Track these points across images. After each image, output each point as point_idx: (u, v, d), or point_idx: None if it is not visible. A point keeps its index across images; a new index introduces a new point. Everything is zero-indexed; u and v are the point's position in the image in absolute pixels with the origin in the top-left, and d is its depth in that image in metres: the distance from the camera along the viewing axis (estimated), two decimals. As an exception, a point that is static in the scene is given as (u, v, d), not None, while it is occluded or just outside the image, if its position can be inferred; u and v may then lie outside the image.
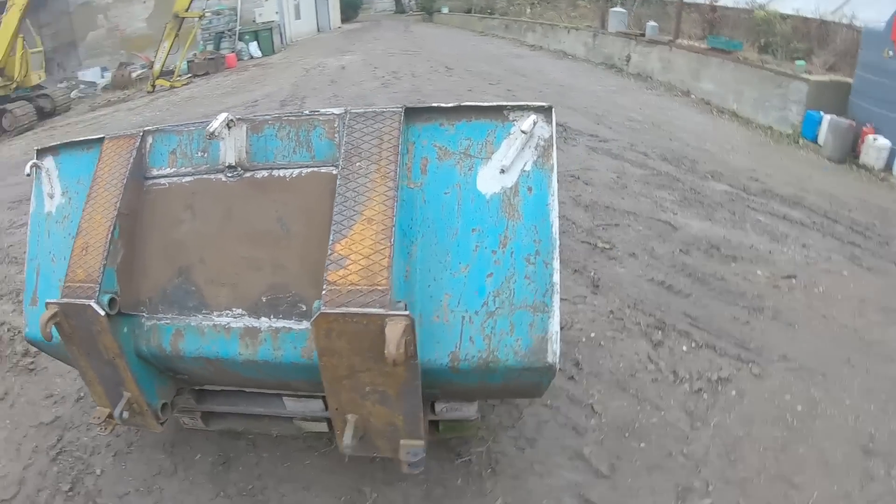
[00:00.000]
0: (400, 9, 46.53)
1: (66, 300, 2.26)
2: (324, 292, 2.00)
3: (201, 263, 2.41)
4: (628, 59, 13.79)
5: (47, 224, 2.74)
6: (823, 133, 7.95)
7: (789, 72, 8.92)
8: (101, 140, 2.63)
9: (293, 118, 2.39)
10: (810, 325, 4.00)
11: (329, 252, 2.05)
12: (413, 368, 2.00)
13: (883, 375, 3.51)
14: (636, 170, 7.03)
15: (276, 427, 2.90)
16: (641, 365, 3.56)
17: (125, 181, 2.44)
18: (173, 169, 2.52)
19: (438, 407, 2.58)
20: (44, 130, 13.71)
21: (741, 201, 6.10)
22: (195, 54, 19.41)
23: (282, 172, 2.38)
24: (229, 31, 21.63)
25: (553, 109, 2.25)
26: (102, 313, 2.22)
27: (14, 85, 14.65)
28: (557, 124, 2.25)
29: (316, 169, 2.34)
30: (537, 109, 2.23)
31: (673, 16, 12.86)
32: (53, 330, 2.30)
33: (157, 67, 16.55)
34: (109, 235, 2.33)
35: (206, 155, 2.49)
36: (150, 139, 2.57)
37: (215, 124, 2.32)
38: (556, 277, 2.10)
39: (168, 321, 2.39)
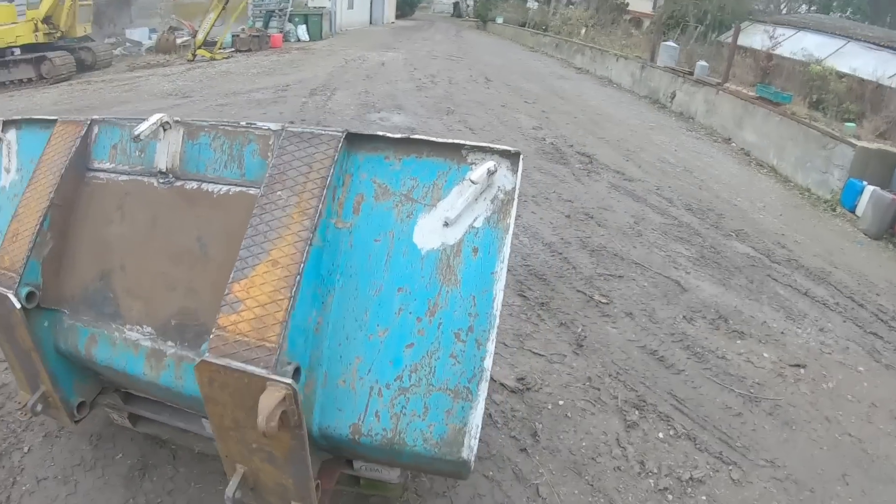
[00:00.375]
0: (457, 13, 46.60)
1: None
2: (212, 336, 1.75)
3: (122, 270, 2.25)
4: (673, 95, 13.31)
5: (1, 198, 2.62)
6: (863, 204, 7.46)
7: (837, 133, 8.40)
8: (55, 121, 2.48)
9: (230, 128, 2.11)
10: (810, 427, 3.56)
11: (226, 291, 1.76)
12: (299, 438, 1.70)
13: (880, 500, 3.08)
14: (656, 217, 6.63)
15: (199, 444, 2.73)
16: (607, 448, 3.16)
17: (63, 171, 2.29)
18: (112, 164, 2.36)
19: (357, 464, 2.31)
20: (79, 83, 13.72)
21: (763, 268, 5.66)
22: (242, 29, 19.44)
23: (210, 187, 2.14)
24: (280, 10, 21.66)
25: (521, 157, 1.89)
26: (18, 306, 2.10)
27: (58, 34, 14.80)
28: (584, 154, 1.91)
29: (244, 189, 2.06)
30: (502, 154, 1.88)
31: (726, 58, 12.35)
32: None
33: (199, 37, 16.55)
34: (39, 226, 2.20)
35: (143, 155, 2.29)
36: (95, 129, 2.40)
37: (143, 126, 2.11)
38: (488, 363, 1.74)
39: (85, 324, 2.25)
